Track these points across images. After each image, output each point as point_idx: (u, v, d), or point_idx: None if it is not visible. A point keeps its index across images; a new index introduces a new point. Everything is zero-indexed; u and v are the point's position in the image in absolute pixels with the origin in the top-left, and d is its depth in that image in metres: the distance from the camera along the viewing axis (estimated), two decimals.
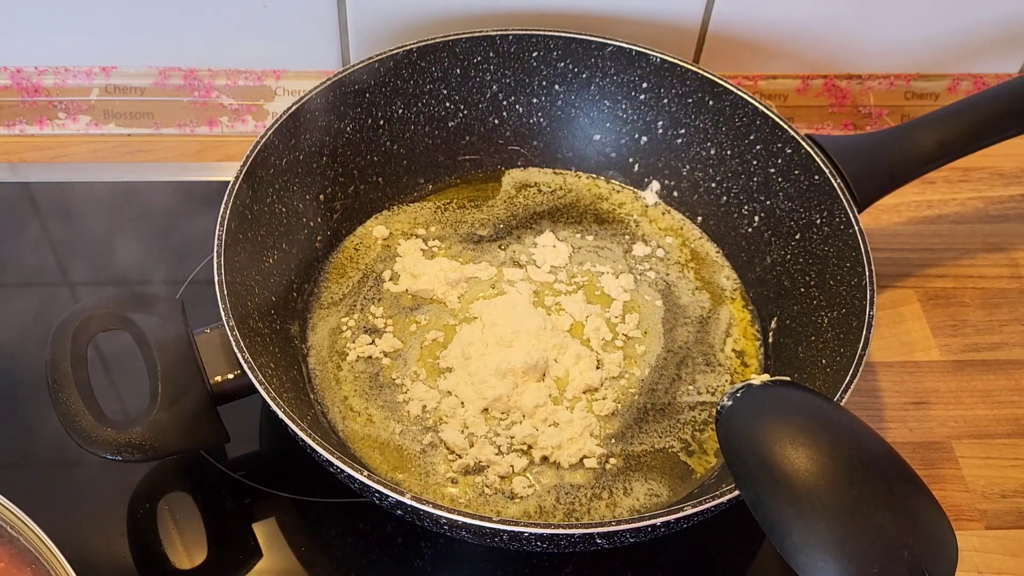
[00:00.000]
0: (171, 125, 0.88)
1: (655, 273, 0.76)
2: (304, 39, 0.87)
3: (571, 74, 0.79)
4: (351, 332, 0.71)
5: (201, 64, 0.89)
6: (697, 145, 0.78)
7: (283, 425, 0.56)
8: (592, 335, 0.71)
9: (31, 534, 0.53)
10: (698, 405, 0.69)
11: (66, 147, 0.86)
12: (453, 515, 0.53)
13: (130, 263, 0.78)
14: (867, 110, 0.92)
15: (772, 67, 0.91)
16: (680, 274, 0.76)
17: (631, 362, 0.71)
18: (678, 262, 0.77)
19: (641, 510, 0.64)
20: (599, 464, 0.66)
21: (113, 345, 0.69)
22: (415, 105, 0.78)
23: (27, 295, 0.77)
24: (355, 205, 0.77)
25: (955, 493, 0.68)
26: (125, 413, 0.68)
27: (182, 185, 0.83)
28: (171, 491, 0.66)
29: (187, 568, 0.63)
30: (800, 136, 0.71)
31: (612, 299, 0.74)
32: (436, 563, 0.64)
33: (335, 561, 0.64)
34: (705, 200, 0.78)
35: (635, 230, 0.79)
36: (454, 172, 0.81)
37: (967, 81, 0.93)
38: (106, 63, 0.89)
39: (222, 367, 0.61)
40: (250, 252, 0.66)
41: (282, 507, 0.66)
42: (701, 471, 0.66)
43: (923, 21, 0.88)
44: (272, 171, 0.70)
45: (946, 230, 0.83)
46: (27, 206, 0.82)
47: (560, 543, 0.55)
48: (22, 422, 0.69)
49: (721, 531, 0.66)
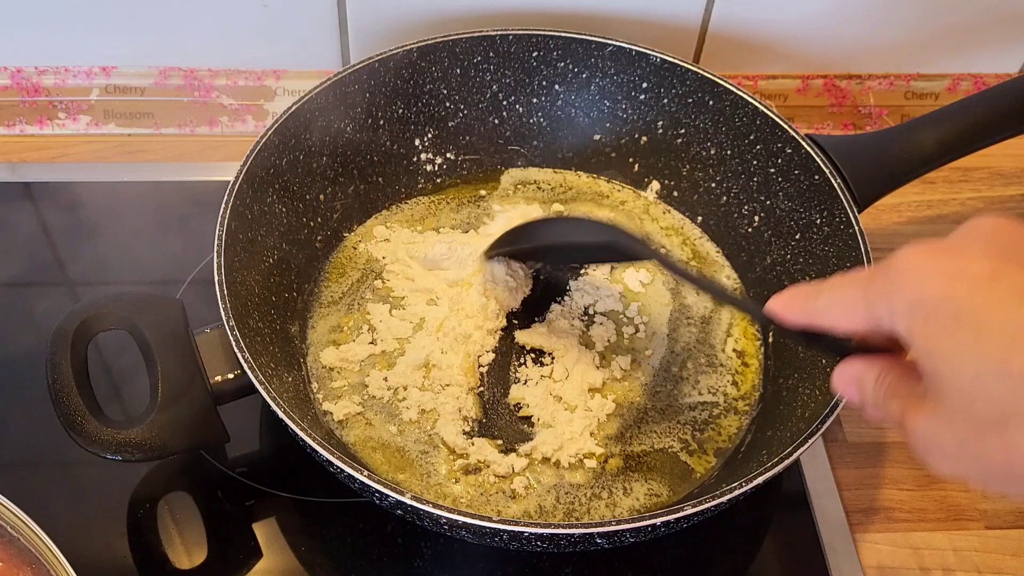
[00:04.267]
0: (171, 125, 0.88)
1: (663, 274, 0.76)
2: (304, 39, 0.87)
3: (571, 74, 0.79)
4: (351, 331, 0.71)
5: (201, 64, 0.89)
6: (697, 145, 0.78)
7: (283, 425, 0.56)
8: (597, 335, 0.71)
9: (31, 534, 0.53)
10: (698, 405, 0.69)
11: (66, 147, 0.86)
12: (453, 515, 0.53)
13: (130, 263, 0.78)
14: (867, 110, 0.92)
15: (772, 67, 0.91)
16: None
17: (636, 365, 0.71)
18: (681, 261, 0.77)
19: (641, 510, 0.64)
20: (599, 464, 0.66)
21: (113, 345, 0.69)
22: (415, 105, 0.78)
23: (27, 295, 0.77)
24: (355, 205, 0.77)
25: (955, 493, 0.68)
26: (125, 413, 0.69)
27: (182, 185, 0.83)
28: (171, 491, 0.66)
29: (187, 568, 0.63)
30: (800, 136, 0.71)
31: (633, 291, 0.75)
32: (436, 563, 0.64)
33: (335, 561, 0.64)
34: (705, 200, 0.78)
35: (639, 226, 0.79)
36: (454, 172, 0.81)
37: (967, 81, 0.93)
38: (106, 63, 0.89)
39: (222, 367, 0.61)
40: (250, 252, 0.66)
41: (282, 507, 0.66)
42: (701, 471, 0.66)
43: (923, 21, 0.88)
44: (272, 171, 0.70)
45: (946, 230, 0.81)
46: (27, 206, 0.82)
47: (560, 543, 0.55)
48: (22, 422, 0.69)
49: (721, 531, 0.66)
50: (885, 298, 0.39)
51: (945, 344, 0.37)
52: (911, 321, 0.38)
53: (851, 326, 0.42)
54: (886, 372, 0.43)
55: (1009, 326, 0.35)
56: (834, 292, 0.43)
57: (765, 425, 0.67)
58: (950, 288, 0.37)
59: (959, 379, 0.37)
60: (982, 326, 0.36)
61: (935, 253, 0.39)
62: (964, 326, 0.36)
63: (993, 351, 0.35)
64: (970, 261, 0.37)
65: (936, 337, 0.37)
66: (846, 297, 0.42)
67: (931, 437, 0.39)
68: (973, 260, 0.37)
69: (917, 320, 0.38)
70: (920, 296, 0.38)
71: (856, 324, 0.42)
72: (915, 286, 0.38)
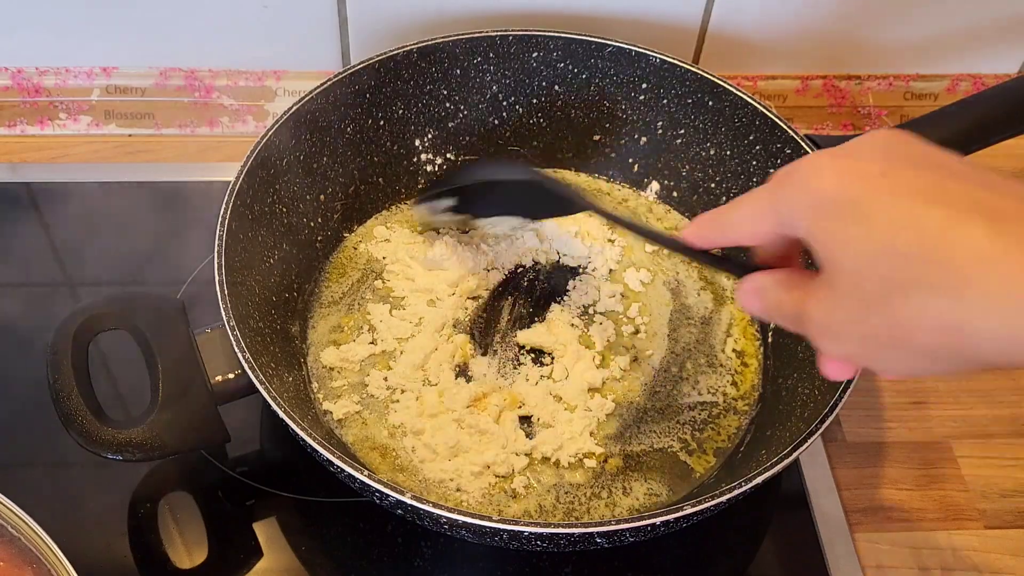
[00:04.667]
0: (172, 125, 0.88)
1: (664, 273, 0.76)
2: (304, 39, 0.87)
3: (571, 75, 0.79)
4: (351, 331, 0.71)
5: (202, 64, 0.89)
6: (697, 145, 0.78)
7: (283, 425, 0.56)
8: (596, 335, 0.71)
9: (32, 533, 0.53)
10: (698, 405, 0.69)
11: (67, 147, 0.86)
12: (453, 514, 0.53)
13: (131, 263, 0.78)
14: (866, 110, 0.92)
15: (771, 67, 0.92)
16: (687, 273, 0.76)
17: (636, 365, 0.71)
18: (684, 260, 0.77)
19: (641, 509, 0.64)
20: (598, 464, 0.66)
21: (114, 345, 0.69)
22: (415, 105, 0.78)
23: (28, 295, 0.77)
24: (355, 205, 0.77)
25: (954, 493, 0.69)
26: (126, 413, 0.69)
27: (182, 185, 0.83)
28: (172, 490, 0.66)
29: (188, 567, 0.63)
30: (799, 136, 0.71)
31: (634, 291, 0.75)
32: (436, 563, 0.64)
33: (335, 561, 0.64)
34: (705, 200, 0.78)
35: (644, 224, 0.79)
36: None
37: (966, 81, 0.93)
38: (107, 63, 0.89)
39: (223, 367, 0.61)
40: (250, 252, 0.66)
41: (283, 507, 0.66)
42: (701, 470, 0.66)
43: (923, 21, 0.88)
44: (272, 171, 0.70)
45: None
46: (28, 206, 0.82)
47: (560, 542, 0.56)
48: (23, 422, 0.69)
49: (721, 531, 0.66)
50: (789, 200, 0.42)
51: (839, 233, 0.40)
52: (812, 218, 0.41)
53: (759, 234, 0.46)
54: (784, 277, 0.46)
55: (895, 212, 0.39)
56: (743, 205, 0.46)
57: (764, 425, 0.67)
58: (846, 185, 0.40)
59: (850, 262, 0.40)
60: (872, 215, 0.39)
61: (834, 156, 0.42)
62: (857, 216, 0.39)
63: (881, 235, 0.39)
64: (865, 163, 0.41)
65: (831, 228, 0.40)
66: (755, 207, 0.45)
67: (823, 318, 0.43)
68: (868, 161, 0.41)
69: (817, 215, 0.41)
70: (820, 195, 0.41)
71: (764, 230, 0.45)
72: (816, 186, 0.41)
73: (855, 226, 0.40)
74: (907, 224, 0.38)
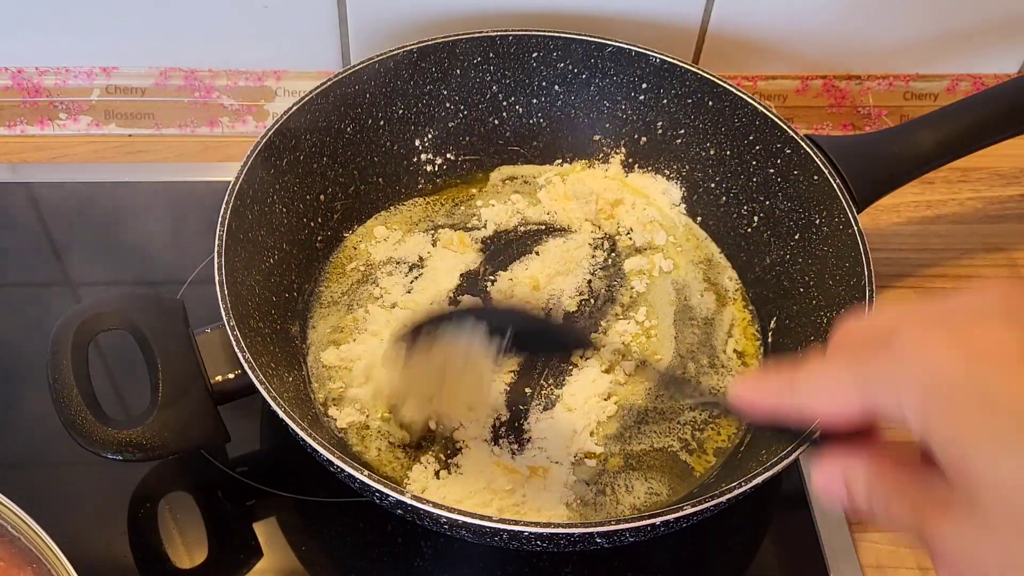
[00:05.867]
0: (172, 125, 0.88)
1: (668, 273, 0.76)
2: (304, 39, 0.87)
3: (571, 75, 0.79)
4: (351, 331, 0.71)
5: (202, 64, 0.89)
6: (696, 145, 0.78)
7: (283, 425, 0.56)
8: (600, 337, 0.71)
9: (32, 533, 0.53)
10: (699, 406, 0.69)
11: (67, 147, 0.86)
12: (453, 514, 0.53)
13: (130, 263, 0.78)
14: (866, 110, 0.92)
15: (771, 67, 0.92)
16: (693, 275, 0.76)
17: (640, 368, 0.70)
18: (694, 261, 0.77)
19: (641, 509, 0.64)
20: (599, 463, 0.66)
21: (114, 345, 0.69)
22: (415, 105, 0.78)
23: (27, 295, 0.77)
24: (355, 205, 0.77)
25: None
26: (126, 413, 0.69)
27: (182, 185, 0.83)
28: (172, 490, 0.66)
29: (188, 567, 0.63)
30: (799, 136, 0.71)
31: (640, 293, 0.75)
32: (436, 563, 0.64)
33: (335, 561, 0.64)
34: (704, 200, 0.78)
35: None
36: (454, 172, 0.81)
37: (966, 81, 0.93)
38: (107, 63, 0.89)
39: (223, 367, 0.61)
40: (250, 252, 0.66)
41: (283, 506, 0.66)
42: (701, 470, 0.66)
43: (923, 21, 0.88)
44: (272, 171, 0.70)
45: (945, 230, 0.83)
46: (28, 206, 0.82)
47: (560, 542, 0.56)
48: (22, 422, 0.69)
49: (721, 531, 0.66)
50: (889, 382, 0.34)
51: (976, 434, 0.31)
52: (927, 408, 0.32)
53: (840, 413, 0.36)
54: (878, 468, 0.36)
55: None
56: (818, 375, 0.37)
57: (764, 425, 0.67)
58: (973, 368, 0.31)
59: (998, 475, 0.31)
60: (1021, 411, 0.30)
61: (943, 326, 0.33)
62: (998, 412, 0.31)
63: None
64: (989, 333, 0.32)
65: (963, 427, 0.32)
66: (834, 380, 0.37)
67: (967, 550, 0.33)
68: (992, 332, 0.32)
69: (935, 407, 0.32)
70: (936, 379, 0.32)
71: (847, 411, 0.36)
72: (927, 367, 0.32)
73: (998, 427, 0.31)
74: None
